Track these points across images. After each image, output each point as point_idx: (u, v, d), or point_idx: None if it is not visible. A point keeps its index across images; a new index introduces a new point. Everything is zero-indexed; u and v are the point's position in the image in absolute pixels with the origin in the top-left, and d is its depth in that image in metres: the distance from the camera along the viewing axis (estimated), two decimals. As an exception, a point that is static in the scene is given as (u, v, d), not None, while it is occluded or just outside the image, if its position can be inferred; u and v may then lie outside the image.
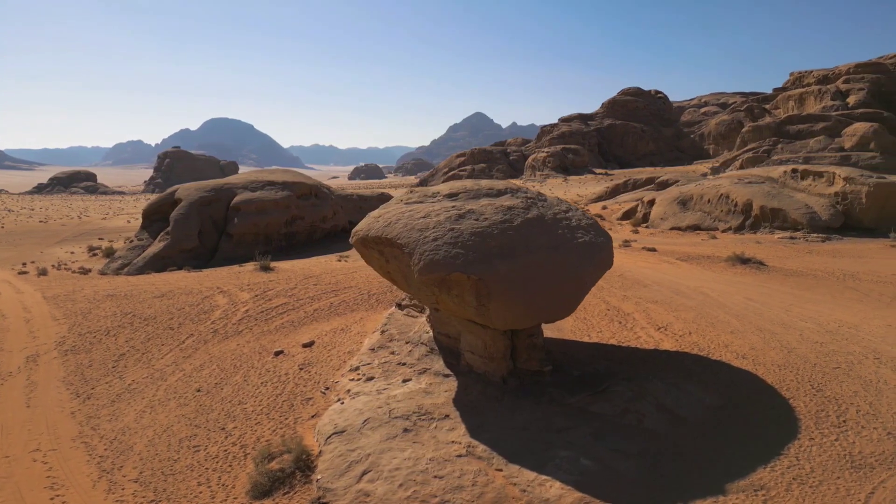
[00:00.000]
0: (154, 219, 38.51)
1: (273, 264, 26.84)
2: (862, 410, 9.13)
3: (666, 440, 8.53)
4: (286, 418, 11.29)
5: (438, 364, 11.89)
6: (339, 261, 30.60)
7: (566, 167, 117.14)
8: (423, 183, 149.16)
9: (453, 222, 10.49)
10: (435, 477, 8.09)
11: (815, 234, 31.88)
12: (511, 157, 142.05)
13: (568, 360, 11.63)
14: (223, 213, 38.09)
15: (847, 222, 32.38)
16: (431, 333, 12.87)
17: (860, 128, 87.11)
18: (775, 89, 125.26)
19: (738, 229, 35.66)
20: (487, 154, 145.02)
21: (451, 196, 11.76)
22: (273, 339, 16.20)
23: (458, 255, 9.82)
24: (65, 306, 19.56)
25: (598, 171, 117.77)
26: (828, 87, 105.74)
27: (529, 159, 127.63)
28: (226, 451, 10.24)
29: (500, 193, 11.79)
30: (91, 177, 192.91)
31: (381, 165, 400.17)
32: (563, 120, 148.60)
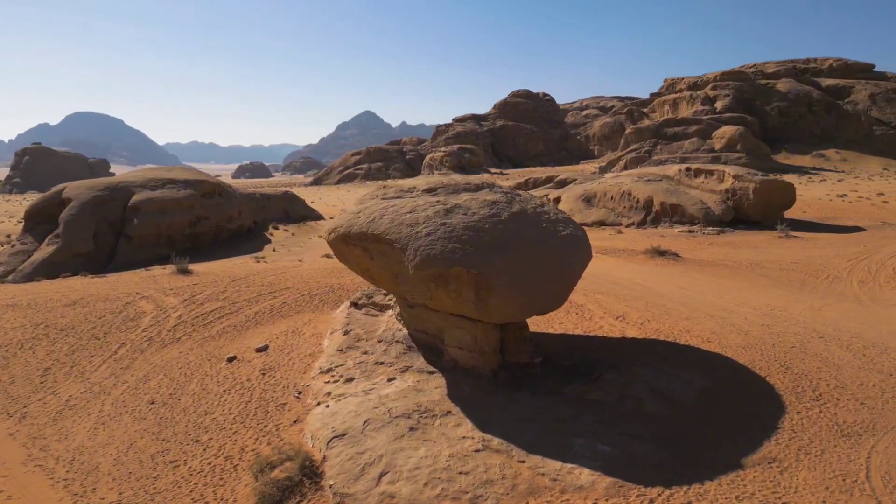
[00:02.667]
0: (38, 220, 34.95)
1: (190, 267, 25.24)
2: (831, 384, 10.08)
3: (669, 422, 8.97)
4: (265, 425, 10.71)
5: (419, 361, 11.74)
6: (258, 262, 29.34)
7: (463, 166, 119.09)
8: (317, 181, 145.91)
9: (443, 217, 10.41)
10: (460, 473, 8.02)
11: (710, 228, 34.55)
12: (407, 157, 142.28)
13: (545, 352, 11.89)
14: (120, 213, 35.27)
15: (737, 216, 35.36)
16: (405, 331, 12.68)
17: (728, 131, 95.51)
18: (652, 94, 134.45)
19: (641, 224, 37.92)
20: (384, 153, 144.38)
21: (430, 191, 11.66)
22: (218, 344, 15.29)
23: (455, 249, 9.77)
24: (-41, 319, 17.35)
25: (493, 170, 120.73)
26: (698, 93, 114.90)
27: (427, 158, 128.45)
28: (210, 464, 9.56)
29: (478, 188, 11.85)
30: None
31: (267, 164, 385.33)
32: (458, 120, 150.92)
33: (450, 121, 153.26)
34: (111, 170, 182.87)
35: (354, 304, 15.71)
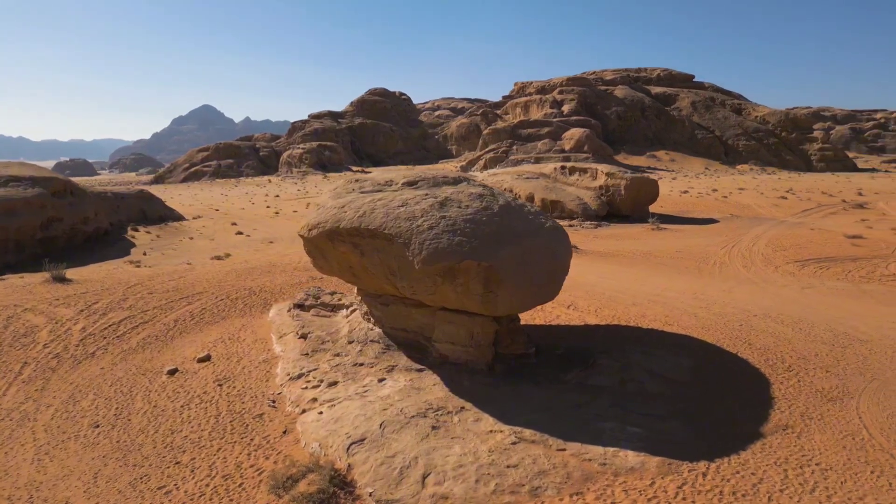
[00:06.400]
0: None
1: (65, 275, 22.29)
2: (793, 356, 11.24)
3: (677, 401, 9.53)
4: (251, 439, 9.84)
5: (403, 360, 11.42)
6: (138, 267, 26.71)
7: (324, 164, 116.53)
8: (159, 179, 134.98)
9: (439, 210, 10.23)
10: (508, 467, 7.94)
11: (588, 222, 36.98)
12: (261, 153, 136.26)
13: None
14: (-47, 215, 30.34)
15: (610, 211, 38.19)
16: (378, 330, 12.26)
17: (576, 133, 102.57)
18: (504, 97, 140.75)
19: (524, 220, 39.64)
20: (235, 149, 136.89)
21: (412, 184, 11.41)
22: (145, 357, 13.77)
23: (462, 242, 9.66)
24: None
25: (354, 168, 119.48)
26: (547, 96, 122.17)
27: (285, 155, 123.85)
28: (208, 485, 8.60)
29: (456, 181, 11.76)
30: None
31: (91, 160, 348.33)
32: (314, 116, 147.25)
33: (305, 117, 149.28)
34: None
35: (300, 306, 14.89)
